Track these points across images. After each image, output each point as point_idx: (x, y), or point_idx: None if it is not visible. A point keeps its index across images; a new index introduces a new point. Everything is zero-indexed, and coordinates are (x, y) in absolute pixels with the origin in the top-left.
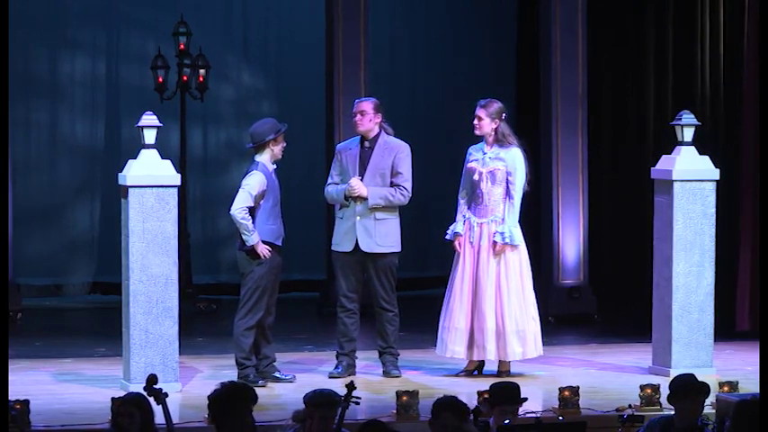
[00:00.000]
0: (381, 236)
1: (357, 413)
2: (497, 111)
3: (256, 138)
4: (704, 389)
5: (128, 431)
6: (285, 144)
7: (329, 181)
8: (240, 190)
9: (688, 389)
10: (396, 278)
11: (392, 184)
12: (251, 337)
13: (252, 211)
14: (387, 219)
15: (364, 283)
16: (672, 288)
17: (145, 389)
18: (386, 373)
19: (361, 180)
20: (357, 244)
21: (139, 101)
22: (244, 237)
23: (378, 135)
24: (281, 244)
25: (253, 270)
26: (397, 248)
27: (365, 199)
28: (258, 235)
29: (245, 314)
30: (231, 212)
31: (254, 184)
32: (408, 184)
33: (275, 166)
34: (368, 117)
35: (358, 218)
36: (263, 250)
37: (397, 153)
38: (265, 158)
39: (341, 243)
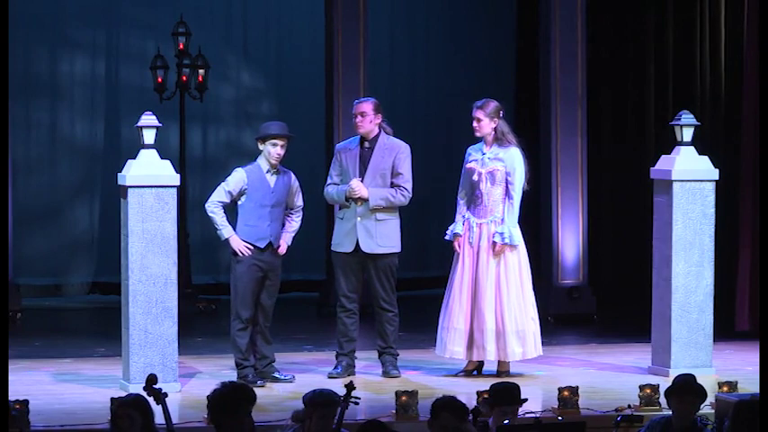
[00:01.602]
0: (382, 236)
1: (357, 413)
2: (495, 110)
3: (257, 134)
4: (695, 390)
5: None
6: (277, 152)
7: (329, 181)
8: (219, 185)
9: (681, 388)
10: (396, 278)
11: (392, 185)
12: (245, 337)
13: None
14: (387, 219)
15: (364, 284)
16: (671, 288)
17: (145, 389)
18: (385, 374)
19: (362, 180)
20: (358, 245)
21: (139, 101)
22: (217, 231)
23: (378, 135)
24: (261, 246)
25: (234, 268)
26: (398, 249)
27: (366, 200)
28: (232, 231)
29: (234, 315)
30: (204, 205)
31: (230, 180)
32: (409, 185)
33: (274, 169)
34: (368, 118)
35: (359, 219)
36: (238, 246)
37: (397, 153)
38: (261, 158)
39: (341, 244)
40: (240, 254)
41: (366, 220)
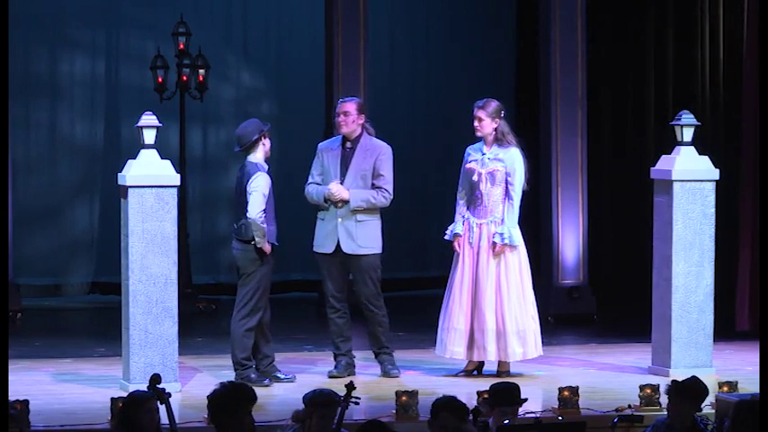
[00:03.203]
0: (363, 237)
1: (357, 413)
2: (496, 109)
3: (244, 139)
4: (686, 394)
5: (147, 429)
6: (271, 143)
7: (310, 180)
8: (254, 194)
9: (676, 389)
10: (380, 278)
11: (373, 186)
12: (252, 338)
13: None
14: (368, 221)
15: (349, 283)
16: (671, 288)
17: (149, 388)
18: (385, 373)
19: (343, 181)
20: (339, 245)
21: (139, 101)
22: (258, 240)
23: (360, 136)
24: (278, 244)
25: (256, 270)
26: (378, 250)
27: (347, 202)
28: None
29: (246, 314)
30: (252, 218)
31: (264, 185)
32: (390, 186)
33: (268, 167)
34: (351, 118)
35: (340, 220)
36: (269, 249)
37: (378, 155)
38: (259, 158)
39: (323, 245)
40: (267, 255)
41: (347, 221)
